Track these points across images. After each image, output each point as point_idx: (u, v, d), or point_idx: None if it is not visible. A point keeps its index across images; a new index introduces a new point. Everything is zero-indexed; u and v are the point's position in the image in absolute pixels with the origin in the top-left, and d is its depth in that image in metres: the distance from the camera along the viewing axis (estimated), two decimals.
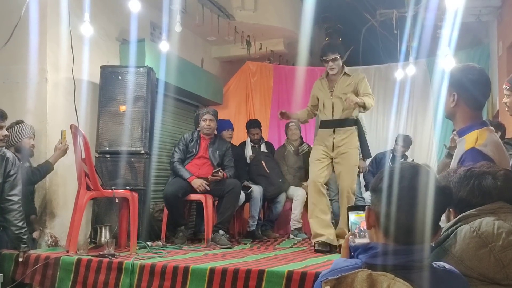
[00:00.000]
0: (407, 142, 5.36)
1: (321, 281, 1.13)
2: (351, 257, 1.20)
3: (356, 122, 3.82)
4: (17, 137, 3.40)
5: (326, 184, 3.85)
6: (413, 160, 5.29)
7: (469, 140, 1.84)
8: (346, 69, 3.85)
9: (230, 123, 5.25)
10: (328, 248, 3.61)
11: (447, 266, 1.17)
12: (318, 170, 3.76)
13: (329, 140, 3.78)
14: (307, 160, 4.31)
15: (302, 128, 5.42)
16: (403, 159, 5.26)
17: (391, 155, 5.36)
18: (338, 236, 3.73)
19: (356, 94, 3.71)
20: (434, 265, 1.15)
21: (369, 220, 1.19)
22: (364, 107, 3.64)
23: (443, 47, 4.59)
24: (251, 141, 5.26)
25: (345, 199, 3.72)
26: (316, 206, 3.76)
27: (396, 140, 5.38)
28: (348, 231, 1.35)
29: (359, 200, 5.11)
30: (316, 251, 3.58)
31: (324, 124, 3.85)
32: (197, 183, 4.11)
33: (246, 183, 4.83)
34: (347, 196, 3.71)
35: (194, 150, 4.33)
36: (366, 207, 1.21)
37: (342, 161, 3.73)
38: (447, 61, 4.47)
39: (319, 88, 3.90)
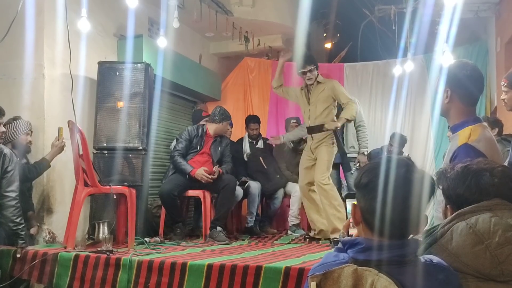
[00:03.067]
0: (402, 141, 5.34)
1: (308, 276, 1.14)
2: (342, 250, 1.21)
3: None
4: (14, 133, 3.39)
5: None
6: (408, 155, 5.28)
7: (462, 136, 1.85)
8: (320, 77, 4.13)
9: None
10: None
11: (435, 259, 1.18)
12: (303, 178, 4.19)
13: (309, 145, 4.19)
14: None
15: None
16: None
17: (385, 153, 5.36)
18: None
19: (332, 100, 4.07)
20: (422, 259, 1.16)
21: (356, 217, 1.21)
22: (349, 121, 4.12)
23: (441, 43, 4.59)
24: (249, 136, 5.25)
25: (320, 193, 3.98)
26: (309, 208, 4.22)
27: (390, 140, 5.36)
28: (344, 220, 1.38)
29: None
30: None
31: (307, 131, 4.26)
32: (199, 174, 4.07)
33: (244, 179, 4.83)
34: (319, 190, 3.98)
35: (198, 146, 4.30)
36: (352, 204, 1.22)
37: (317, 157, 4.08)
38: (445, 57, 4.47)
39: (301, 95, 4.23)
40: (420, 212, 1.16)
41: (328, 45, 9.30)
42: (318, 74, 4.11)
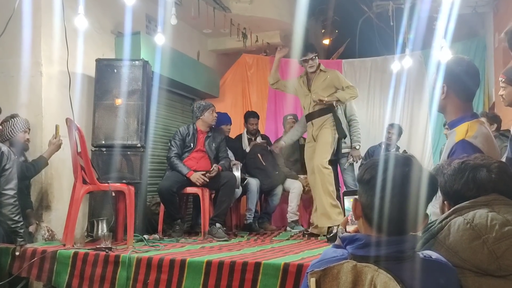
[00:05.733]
0: (399, 129, 5.35)
1: (307, 273, 1.15)
2: (341, 247, 1.22)
3: (330, 110, 4.10)
4: (12, 131, 3.39)
5: None
6: (404, 150, 5.29)
7: (460, 132, 1.85)
8: (322, 66, 4.15)
9: (229, 117, 5.27)
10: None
11: (434, 255, 1.19)
12: (311, 169, 4.08)
13: (310, 132, 4.17)
14: (304, 153, 4.36)
15: None
16: (394, 150, 5.25)
17: (383, 146, 5.38)
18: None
19: (334, 89, 4.06)
20: (421, 255, 1.17)
21: (356, 211, 1.22)
22: (338, 101, 4.07)
23: (438, 39, 4.59)
24: (248, 132, 5.26)
25: (317, 176, 3.91)
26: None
27: (389, 128, 5.39)
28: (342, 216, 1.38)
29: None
30: None
31: (306, 118, 4.24)
32: (195, 177, 4.12)
33: (242, 175, 4.83)
34: (318, 173, 3.90)
35: (192, 144, 4.32)
36: (353, 198, 1.23)
37: (317, 142, 4.06)
38: (443, 53, 4.48)
39: (300, 84, 4.23)
40: (421, 210, 1.16)
41: (326, 42, 9.28)
42: (319, 63, 4.13)
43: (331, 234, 3.65)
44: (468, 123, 1.86)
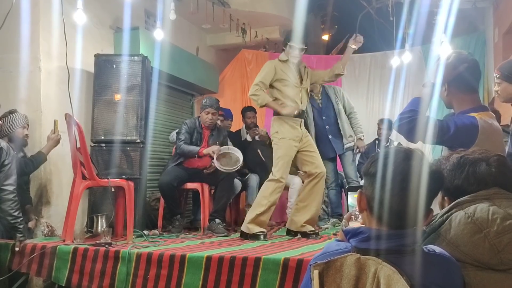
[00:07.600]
0: (388, 124, 5.37)
1: (310, 265, 1.15)
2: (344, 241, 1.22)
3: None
4: (10, 127, 3.38)
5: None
6: (399, 142, 5.29)
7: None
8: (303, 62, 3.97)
9: (230, 112, 5.25)
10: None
11: (437, 250, 1.19)
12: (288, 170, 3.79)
13: (298, 130, 3.72)
14: None
15: None
16: (388, 144, 5.27)
17: (377, 142, 5.41)
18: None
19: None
20: (425, 249, 1.17)
21: (361, 204, 1.22)
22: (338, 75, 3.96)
23: (438, 34, 4.58)
24: (246, 127, 5.26)
25: (320, 183, 3.76)
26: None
27: (378, 125, 5.40)
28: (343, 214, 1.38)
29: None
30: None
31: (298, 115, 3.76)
32: (208, 150, 4.05)
33: (245, 170, 4.83)
34: (319, 180, 3.73)
35: (198, 142, 4.27)
36: (358, 191, 1.23)
37: (313, 148, 3.80)
38: (443, 48, 4.47)
39: (283, 71, 3.70)
40: (426, 204, 1.16)
41: (325, 37, 9.26)
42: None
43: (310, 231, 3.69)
44: (478, 113, 1.85)
